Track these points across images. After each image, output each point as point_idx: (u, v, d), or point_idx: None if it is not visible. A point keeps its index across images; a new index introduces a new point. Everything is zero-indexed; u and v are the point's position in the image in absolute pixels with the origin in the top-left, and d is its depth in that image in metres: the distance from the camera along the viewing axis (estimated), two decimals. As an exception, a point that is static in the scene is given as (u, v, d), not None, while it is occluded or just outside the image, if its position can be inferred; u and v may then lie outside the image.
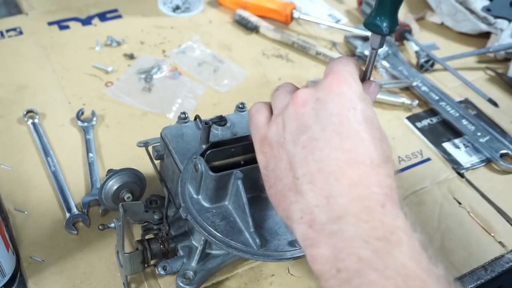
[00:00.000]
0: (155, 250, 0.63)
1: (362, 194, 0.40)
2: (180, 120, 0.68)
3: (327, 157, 0.42)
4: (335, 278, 0.38)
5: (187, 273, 0.62)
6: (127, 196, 0.67)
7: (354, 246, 0.38)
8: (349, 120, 0.43)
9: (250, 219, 0.55)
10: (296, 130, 0.44)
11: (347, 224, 0.39)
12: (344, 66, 0.47)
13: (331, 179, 0.41)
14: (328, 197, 0.41)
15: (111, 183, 0.67)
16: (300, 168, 0.43)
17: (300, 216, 0.42)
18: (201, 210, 0.58)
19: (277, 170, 0.45)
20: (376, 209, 0.40)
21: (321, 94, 0.44)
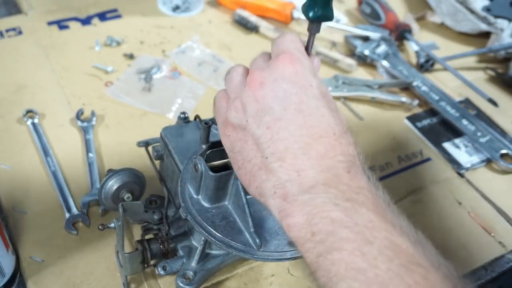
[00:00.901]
0: (155, 250, 0.63)
1: (329, 164, 0.44)
2: (180, 120, 0.68)
3: (292, 135, 0.44)
4: (311, 241, 0.41)
5: (187, 273, 0.62)
6: (127, 196, 0.67)
7: (326, 210, 0.41)
8: (308, 97, 0.45)
9: (250, 219, 0.55)
10: (257, 112, 0.46)
11: (317, 192, 0.42)
12: (292, 43, 0.49)
13: (299, 154, 0.44)
14: (298, 171, 0.43)
15: (111, 183, 0.67)
16: (267, 148, 0.45)
17: (273, 192, 0.45)
18: (201, 210, 0.58)
19: (244, 152, 0.47)
20: (343, 175, 0.43)
21: (277, 75, 0.46)
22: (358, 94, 0.97)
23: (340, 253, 0.40)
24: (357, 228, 0.40)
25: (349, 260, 0.39)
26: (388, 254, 0.39)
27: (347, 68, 1.04)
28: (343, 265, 0.39)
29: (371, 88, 0.99)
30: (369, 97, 0.97)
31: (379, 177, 0.84)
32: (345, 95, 0.97)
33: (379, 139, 0.91)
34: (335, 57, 1.05)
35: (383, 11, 1.14)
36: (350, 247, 0.40)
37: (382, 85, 0.99)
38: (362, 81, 1.00)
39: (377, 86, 0.99)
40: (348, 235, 0.40)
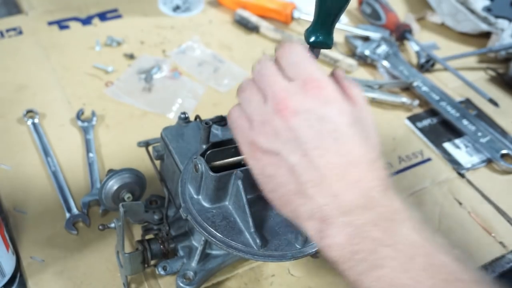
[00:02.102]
0: (155, 250, 0.63)
1: (364, 188, 0.45)
2: (180, 120, 0.68)
3: (328, 163, 0.45)
4: (352, 260, 0.43)
5: (187, 273, 0.62)
6: (127, 196, 0.67)
7: (366, 230, 0.43)
8: (342, 124, 0.46)
9: (250, 219, 0.55)
10: (291, 141, 0.45)
11: (356, 215, 0.44)
12: (310, 65, 0.48)
13: (335, 181, 0.45)
14: (335, 195, 0.44)
15: (111, 183, 0.67)
16: (303, 175, 0.45)
17: (310, 215, 0.46)
18: (201, 210, 0.58)
19: (277, 177, 0.47)
20: (379, 198, 0.45)
21: (310, 104, 0.45)
22: (359, 94, 0.97)
23: (383, 270, 0.42)
24: (398, 246, 0.42)
25: (393, 276, 0.41)
26: (430, 270, 0.41)
27: (348, 68, 1.04)
28: (388, 281, 0.41)
29: (372, 88, 0.99)
30: (370, 97, 0.97)
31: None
32: (345, 95, 0.97)
33: (380, 139, 0.91)
34: (336, 57, 1.05)
35: (384, 11, 1.14)
36: (393, 264, 0.42)
37: (383, 85, 0.99)
38: (362, 81, 1.00)
39: (377, 86, 0.99)
40: (389, 253, 0.42)
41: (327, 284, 0.69)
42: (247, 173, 0.56)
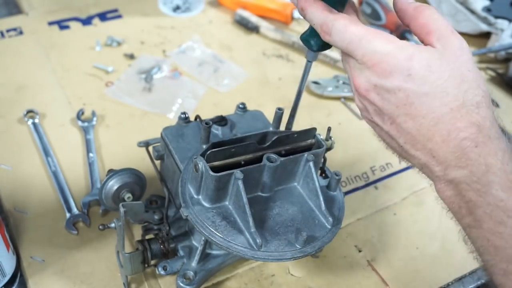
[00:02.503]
0: (155, 250, 0.63)
1: (455, 143, 0.46)
2: (180, 120, 0.68)
3: (413, 127, 0.47)
4: (458, 214, 0.48)
5: (188, 273, 0.62)
6: (127, 196, 0.67)
7: (463, 190, 0.47)
8: (411, 88, 0.46)
9: (250, 219, 0.55)
10: (377, 113, 0.50)
11: (454, 172, 0.47)
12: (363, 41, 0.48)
13: (426, 140, 0.47)
14: (432, 154, 0.48)
15: (112, 183, 0.67)
16: (399, 138, 0.49)
17: (420, 168, 0.50)
18: (201, 210, 0.58)
19: (385, 140, 0.52)
20: (470, 152, 0.46)
21: (374, 79, 0.48)
22: (359, 94, 0.97)
23: (479, 230, 0.46)
24: (489, 209, 0.45)
25: (488, 236, 0.46)
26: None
27: (348, 68, 1.04)
28: (485, 240, 0.46)
29: (372, 88, 0.99)
30: (370, 97, 0.97)
31: (380, 177, 0.85)
32: (345, 95, 0.97)
33: (476, 74, 0.90)
34: (335, 57, 1.05)
35: (384, 12, 1.14)
36: (487, 225, 0.46)
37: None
38: (362, 81, 1.00)
39: (377, 86, 0.99)
40: (483, 215, 0.46)
41: (327, 284, 0.70)
42: (247, 173, 0.56)
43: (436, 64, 0.46)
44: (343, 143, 0.89)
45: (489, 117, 0.47)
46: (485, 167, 0.46)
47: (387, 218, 0.79)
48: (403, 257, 0.74)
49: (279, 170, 0.59)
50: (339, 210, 0.61)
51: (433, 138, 0.47)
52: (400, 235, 0.77)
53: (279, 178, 0.60)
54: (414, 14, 0.50)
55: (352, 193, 0.82)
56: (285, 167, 0.59)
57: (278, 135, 0.60)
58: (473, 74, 0.47)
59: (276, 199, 0.60)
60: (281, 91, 0.98)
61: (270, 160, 0.58)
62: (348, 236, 0.75)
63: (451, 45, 0.47)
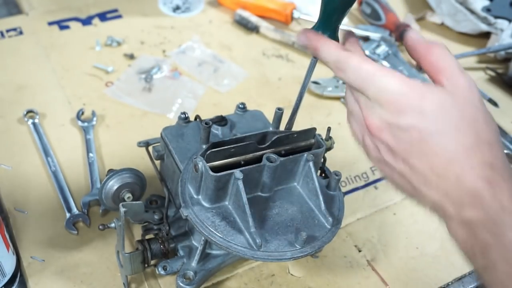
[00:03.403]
0: (155, 250, 0.63)
1: (468, 183, 0.45)
2: (180, 120, 0.68)
3: (426, 167, 0.47)
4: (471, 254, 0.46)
5: (187, 273, 0.62)
6: (127, 196, 0.67)
7: (478, 232, 0.45)
8: (424, 128, 0.46)
9: (250, 219, 0.55)
10: (389, 152, 0.49)
11: (469, 213, 0.45)
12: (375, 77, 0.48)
13: (439, 180, 0.46)
14: (445, 193, 0.46)
15: (112, 183, 0.67)
16: (412, 178, 0.48)
17: (432, 207, 0.49)
18: (201, 210, 0.58)
19: (396, 181, 0.51)
20: (484, 193, 0.45)
21: (386, 117, 0.48)
22: (358, 94, 0.97)
23: (494, 273, 0.45)
24: (506, 252, 0.44)
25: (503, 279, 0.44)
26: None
27: (347, 68, 1.04)
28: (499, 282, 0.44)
29: (371, 88, 0.99)
30: (369, 97, 0.97)
31: (379, 177, 0.85)
32: (345, 95, 0.97)
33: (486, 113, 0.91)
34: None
35: (384, 12, 1.14)
36: (503, 269, 0.44)
37: (382, 85, 0.99)
38: (362, 81, 1.00)
39: (377, 86, 0.99)
40: (498, 258, 0.44)
41: (327, 284, 0.70)
42: (247, 173, 0.56)
43: (448, 103, 0.46)
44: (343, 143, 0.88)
45: (501, 157, 0.46)
46: (500, 208, 0.44)
47: (387, 218, 0.79)
48: (403, 257, 0.74)
49: (279, 170, 0.59)
50: (339, 210, 0.61)
51: (447, 177, 0.46)
52: (400, 235, 0.77)
53: (279, 178, 0.60)
54: (424, 52, 0.50)
55: (352, 193, 0.82)
56: (284, 167, 0.59)
57: (278, 135, 0.60)
58: (483, 114, 0.47)
59: (275, 199, 0.60)
60: (281, 91, 0.98)
61: (270, 160, 0.58)
62: (348, 236, 0.75)
63: (461, 84, 0.47)
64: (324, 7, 0.52)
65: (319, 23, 0.53)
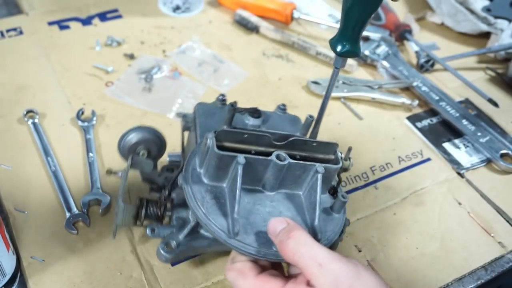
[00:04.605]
0: (150, 211, 0.63)
1: None
2: (218, 101, 0.69)
3: None
4: None
5: (171, 242, 0.61)
6: (142, 152, 0.68)
7: None
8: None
9: (237, 206, 0.55)
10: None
11: None
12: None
13: None
14: None
15: (132, 136, 0.67)
16: None
17: None
18: (197, 183, 0.58)
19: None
20: None
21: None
22: (358, 94, 0.98)
23: None
24: None
25: None
26: None
27: (348, 68, 1.04)
28: None
29: (371, 88, 0.99)
30: (369, 98, 0.97)
31: (379, 177, 0.85)
32: (345, 95, 0.98)
33: (379, 139, 0.91)
34: (335, 57, 1.05)
35: (384, 12, 1.14)
36: None
37: (382, 86, 1.00)
38: (362, 81, 1.01)
39: (377, 86, 0.99)
40: None
41: (326, 283, 0.69)
42: (252, 162, 0.56)
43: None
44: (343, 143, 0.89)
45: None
46: None
47: (387, 218, 0.79)
48: (403, 257, 0.74)
49: (285, 171, 0.58)
50: (334, 233, 0.59)
51: None
52: (400, 235, 0.77)
53: (284, 180, 0.60)
54: (280, 248, 0.51)
55: (352, 193, 0.82)
56: (292, 170, 0.59)
57: (296, 137, 0.59)
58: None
59: (274, 200, 0.60)
60: (281, 91, 0.98)
61: (279, 158, 0.57)
62: (348, 236, 0.75)
63: (325, 282, 0.47)
64: (344, 16, 0.52)
65: (340, 33, 0.54)
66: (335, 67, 0.58)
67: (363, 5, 0.52)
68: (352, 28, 0.53)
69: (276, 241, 0.52)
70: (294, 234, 0.50)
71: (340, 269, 0.47)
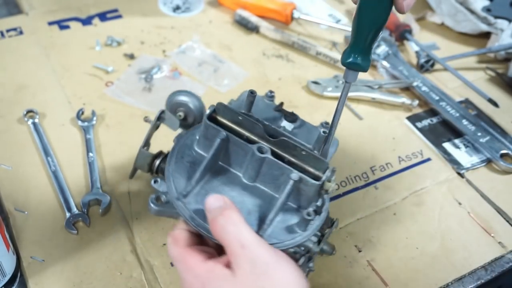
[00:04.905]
0: (161, 166, 0.66)
1: None
2: (267, 97, 0.69)
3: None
4: None
5: (161, 196, 0.61)
6: (179, 114, 0.70)
7: None
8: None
9: (198, 174, 0.56)
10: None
11: None
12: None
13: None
14: None
15: (179, 97, 0.70)
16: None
17: None
18: (187, 145, 0.61)
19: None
20: None
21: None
22: (358, 94, 0.98)
23: None
24: None
25: None
26: None
27: (347, 68, 1.04)
28: None
29: (372, 88, 0.99)
30: (370, 97, 0.97)
31: (379, 177, 0.85)
32: (345, 95, 0.97)
33: (379, 139, 0.91)
34: (335, 57, 1.05)
35: (383, 12, 1.14)
36: None
37: (383, 85, 1.00)
38: (362, 81, 1.01)
39: (377, 86, 0.99)
40: None
41: (327, 284, 0.70)
42: (233, 144, 0.57)
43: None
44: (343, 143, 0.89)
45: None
46: None
47: (387, 218, 0.79)
48: (403, 257, 0.74)
49: (265, 167, 0.57)
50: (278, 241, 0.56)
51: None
52: (400, 235, 0.77)
53: (263, 176, 0.58)
54: (211, 224, 0.51)
55: (352, 193, 0.82)
56: (271, 168, 0.57)
57: (285, 138, 0.58)
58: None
59: (247, 189, 0.59)
60: (281, 91, 0.98)
61: (260, 149, 0.57)
62: (348, 236, 0.75)
63: (243, 263, 0.48)
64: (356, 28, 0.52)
65: (352, 46, 0.53)
66: (346, 81, 0.56)
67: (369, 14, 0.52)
68: (364, 40, 0.53)
69: (209, 216, 0.52)
70: (227, 213, 0.51)
71: (261, 253, 0.48)
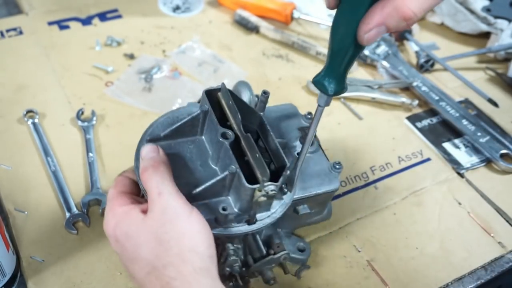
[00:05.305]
0: None
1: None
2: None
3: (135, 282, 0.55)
4: None
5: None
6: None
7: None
8: (120, 254, 0.55)
9: (169, 129, 0.61)
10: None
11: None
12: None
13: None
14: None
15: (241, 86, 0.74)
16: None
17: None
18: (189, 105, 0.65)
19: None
20: None
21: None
22: (358, 94, 0.98)
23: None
24: None
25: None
26: None
27: (347, 68, 1.04)
28: None
29: (371, 88, 0.99)
30: (369, 97, 0.97)
31: (379, 177, 0.85)
32: (345, 95, 0.98)
33: (379, 139, 0.91)
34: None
35: (383, 12, 1.14)
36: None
37: (382, 85, 1.00)
38: (362, 81, 1.01)
39: (377, 86, 0.99)
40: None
41: (326, 284, 0.70)
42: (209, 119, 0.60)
43: (132, 230, 0.52)
44: (343, 143, 0.89)
45: (179, 276, 0.49)
46: None
47: (387, 218, 0.79)
48: (403, 257, 0.74)
49: (221, 153, 0.58)
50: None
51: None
52: (400, 235, 0.77)
53: (221, 163, 0.59)
54: (141, 170, 0.56)
55: (352, 193, 0.82)
56: (225, 155, 0.58)
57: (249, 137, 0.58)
58: (169, 235, 0.50)
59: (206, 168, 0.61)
60: (281, 91, 0.98)
61: (223, 134, 0.58)
62: (347, 235, 0.75)
63: (155, 208, 0.52)
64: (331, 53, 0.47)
65: (326, 70, 0.49)
66: (319, 105, 0.52)
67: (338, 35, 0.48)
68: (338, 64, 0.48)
69: (141, 164, 0.56)
70: (157, 164, 0.55)
71: (173, 203, 0.52)
